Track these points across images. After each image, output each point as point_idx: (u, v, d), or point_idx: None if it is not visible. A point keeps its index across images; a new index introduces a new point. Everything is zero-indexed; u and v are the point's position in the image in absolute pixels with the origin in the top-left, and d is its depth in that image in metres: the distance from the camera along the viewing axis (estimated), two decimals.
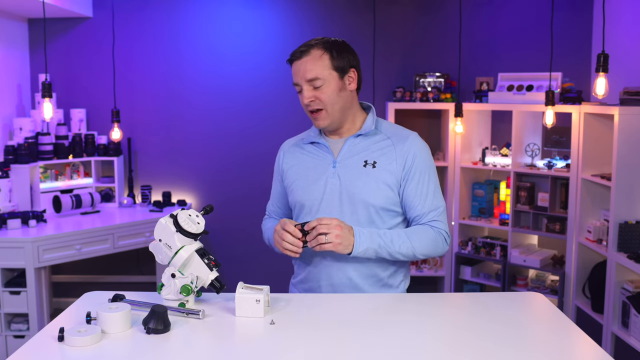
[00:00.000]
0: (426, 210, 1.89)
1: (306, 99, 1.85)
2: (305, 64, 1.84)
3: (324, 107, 1.86)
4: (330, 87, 1.85)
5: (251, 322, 1.62)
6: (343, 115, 1.91)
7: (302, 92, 1.87)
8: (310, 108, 1.87)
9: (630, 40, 3.78)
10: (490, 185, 4.23)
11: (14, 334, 3.46)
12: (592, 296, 3.53)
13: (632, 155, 3.21)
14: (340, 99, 1.87)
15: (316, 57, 1.84)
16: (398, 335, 1.54)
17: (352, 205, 1.87)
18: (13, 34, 4.22)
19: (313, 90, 1.85)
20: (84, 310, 1.65)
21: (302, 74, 1.85)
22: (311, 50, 1.85)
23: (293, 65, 1.89)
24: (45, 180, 4.05)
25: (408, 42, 4.45)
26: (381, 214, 1.88)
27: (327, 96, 1.85)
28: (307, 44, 1.87)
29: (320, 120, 1.88)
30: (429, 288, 4.51)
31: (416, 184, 1.88)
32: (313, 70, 1.83)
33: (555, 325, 1.65)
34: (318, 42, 1.86)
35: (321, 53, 1.85)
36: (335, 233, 1.75)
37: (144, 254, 4.34)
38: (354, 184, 1.87)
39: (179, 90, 4.48)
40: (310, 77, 1.84)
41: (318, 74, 1.83)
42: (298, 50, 1.87)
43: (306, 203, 1.92)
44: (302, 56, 1.85)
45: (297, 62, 1.86)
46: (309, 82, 1.85)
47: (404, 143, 1.90)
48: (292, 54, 1.88)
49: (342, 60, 1.87)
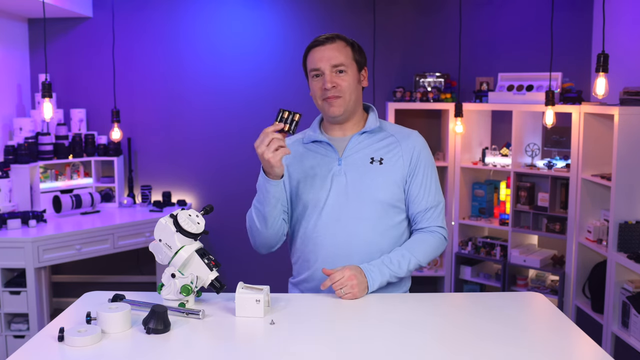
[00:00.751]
0: (429, 206, 1.93)
1: (329, 83, 1.87)
2: (332, 50, 1.89)
3: (342, 95, 1.89)
4: (351, 77, 1.90)
5: (251, 322, 1.62)
6: (354, 108, 1.94)
7: (324, 76, 1.88)
8: (330, 93, 1.88)
9: (630, 40, 3.78)
10: (490, 185, 4.23)
11: (14, 334, 3.46)
12: (592, 296, 3.53)
13: (632, 155, 3.21)
14: (356, 91, 1.93)
15: (342, 46, 1.91)
16: (398, 335, 1.54)
17: (359, 202, 1.88)
18: (13, 34, 4.22)
19: (336, 76, 1.88)
20: (84, 310, 1.65)
21: (328, 59, 1.88)
22: (337, 39, 1.91)
23: (315, 51, 1.91)
24: (45, 180, 4.05)
25: (408, 42, 4.44)
26: (388, 211, 1.91)
27: (347, 84, 1.89)
28: (330, 35, 1.92)
29: (336, 107, 1.90)
30: (429, 288, 4.51)
31: (421, 180, 1.93)
32: (339, 57, 1.89)
33: (555, 325, 1.65)
34: (340, 35, 1.93)
35: (345, 44, 1.92)
36: (350, 284, 1.78)
37: (144, 254, 4.34)
38: (362, 180, 1.89)
39: (179, 90, 4.48)
40: (337, 62, 1.88)
41: (343, 61, 1.89)
42: (323, 38, 1.91)
43: (311, 202, 1.93)
44: (328, 43, 1.90)
45: (322, 47, 1.90)
46: (334, 67, 1.88)
47: (408, 140, 1.95)
48: (316, 40, 1.92)
49: (361, 56, 1.95)
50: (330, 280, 1.79)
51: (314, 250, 1.92)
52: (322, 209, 1.90)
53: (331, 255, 1.90)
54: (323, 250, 1.90)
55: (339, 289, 1.78)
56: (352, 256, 1.88)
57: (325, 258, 1.91)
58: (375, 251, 1.89)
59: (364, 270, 1.82)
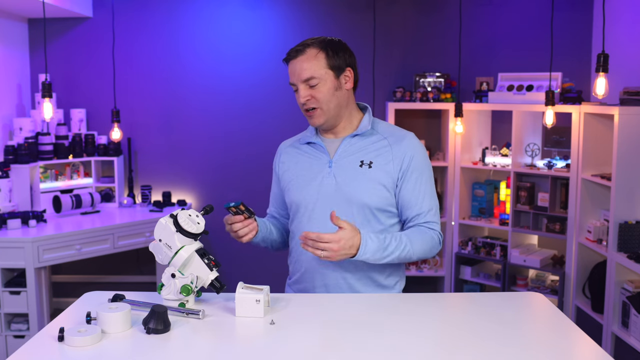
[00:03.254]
0: (424, 211, 1.89)
1: (302, 98, 1.86)
2: (301, 63, 1.85)
3: (319, 106, 1.86)
4: (326, 86, 1.85)
5: (251, 322, 1.62)
6: (338, 114, 1.91)
7: (298, 91, 1.87)
8: (305, 107, 1.88)
9: (630, 40, 3.78)
10: (490, 185, 4.23)
11: (14, 334, 3.46)
12: (592, 296, 3.53)
13: (632, 155, 3.21)
14: (335, 98, 1.87)
15: (311, 56, 1.85)
16: (398, 335, 1.54)
17: (348, 205, 1.86)
18: (13, 34, 4.22)
19: (309, 89, 1.86)
20: (84, 310, 1.65)
21: (298, 74, 1.85)
22: (306, 49, 1.86)
23: (289, 65, 1.89)
24: (45, 180, 4.05)
25: (408, 42, 4.45)
26: (377, 215, 1.88)
27: (322, 95, 1.85)
28: (302, 43, 1.88)
29: (315, 119, 1.89)
30: (428, 288, 4.50)
31: (413, 184, 1.88)
32: (308, 70, 1.84)
33: (555, 325, 1.65)
34: (314, 42, 1.87)
35: (316, 52, 1.85)
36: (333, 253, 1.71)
37: (144, 254, 4.34)
38: (350, 184, 1.87)
39: (179, 90, 4.48)
40: (306, 76, 1.84)
41: (313, 73, 1.84)
42: (293, 50, 1.88)
43: (301, 203, 1.92)
44: (298, 55, 1.86)
45: (293, 61, 1.87)
46: (305, 82, 1.85)
47: (400, 143, 1.90)
48: (288, 53, 1.89)
49: (338, 59, 1.87)
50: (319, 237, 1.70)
51: (304, 251, 1.90)
52: (312, 210, 1.90)
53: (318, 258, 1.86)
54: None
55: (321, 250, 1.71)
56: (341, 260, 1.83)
57: (313, 259, 1.88)
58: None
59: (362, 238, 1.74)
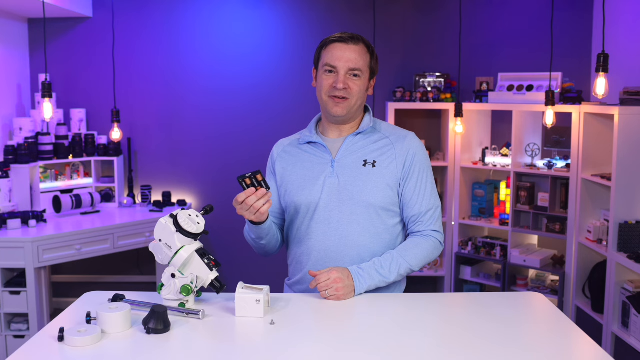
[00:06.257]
0: (423, 210, 1.90)
1: (340, 84, 1.85)
2: (354, 52, 1.86)
3: (350, 97, 1.87)
4: (362, 83, 1.89)
5: (251, 322, 1.62)
6: (356, 113, 1.93)
7: (338, 75, 1.86)
8: (339, 94, 1.86)
9: (630, 40, 3.78)
10: (490, 185, 4.23)
11: (14, 334, 3.46)
12: (592, 296, 3.53)
13: (632, 155, 3.21)
14: (362, 96, 1.91)
15: (364, 51, 1.89)
16: (398, 335, 1.54)
17: (352, 205, 1.86)
18: (13, 34, 4.22)
19: (349, 79, 1.86)
20: (84, 310, 1.65)
21: (348, 60, 1.85)
22: (360, 42, 1.88)
23: (335, 48, 1.87)
24: (45, 180, 4.05)
25: (408, 42, 4.45)
26: (381, 214, 1.88)
27: (357, 89, 1.87)
28: (355, 35, 1.88)
29: (341, 108, 1.87)
30: (429, 288, 4.51)
31: (415, 183, 1.89)
32: (360, 62, 1.87)
33: (555, 325, 1.64)
34: (364, 39, 1.90)
35: (366, 49, 1.90)
36: (335, 287, 1.76)
37: (144, 254, 4.34)
38: (354, 183, 1.87)
39: (179, 90, 4.48)
40: (355, 66, 1.86)
41: (362, 66, 1.87)
42: (348, 36, 1.87)
43: (303, 204, 1.90)
44: (352, 43, 1.87)
45: (344, 46, 1.86)
46: (350, 71, 1.86)
47: (402, 142, 1.91)
48: (340, 36, 1.87)
49: (376, 65, 1.94)
50: (316, 281, 1.78)
51: (306, 253, 1.91)
52: (315, 211, 1.89)
53: (323, 258, 1.88)
54: (314, 252, 1.89)
55: (324, 290, 1.77)
56: (344, 259, 1.87)
57: (317, 261, 1.89)
58: (367, 254, 1.87)
59: (352, 274, 1.80)
